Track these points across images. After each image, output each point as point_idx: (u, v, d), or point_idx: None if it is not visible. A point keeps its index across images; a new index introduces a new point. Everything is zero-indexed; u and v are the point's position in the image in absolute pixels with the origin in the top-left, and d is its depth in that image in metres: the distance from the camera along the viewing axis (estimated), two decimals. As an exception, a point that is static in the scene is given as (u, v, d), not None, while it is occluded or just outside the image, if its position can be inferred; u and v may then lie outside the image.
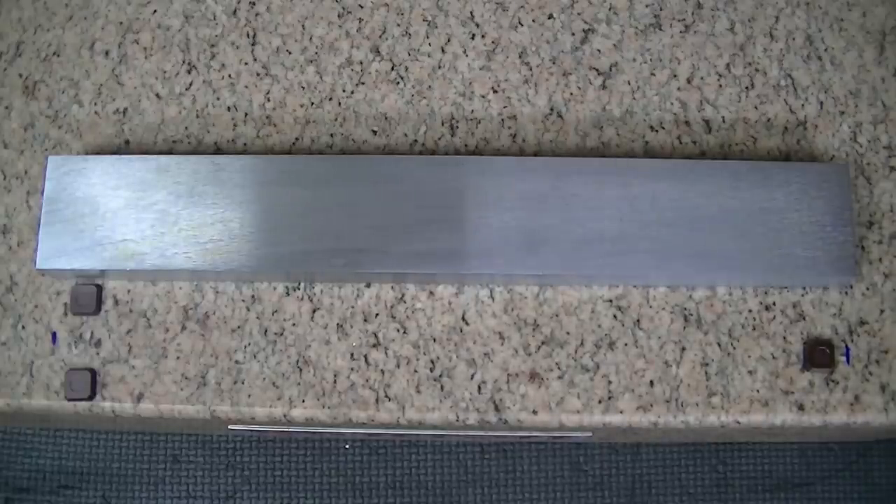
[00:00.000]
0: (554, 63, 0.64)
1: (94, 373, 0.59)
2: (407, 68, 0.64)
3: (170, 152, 0.62)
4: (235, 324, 0.59)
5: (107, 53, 0.65)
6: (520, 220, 0.57)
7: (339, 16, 0.65)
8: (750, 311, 0.59)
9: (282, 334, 0.59)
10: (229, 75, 0.64)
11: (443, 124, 0.62)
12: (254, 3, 0.65)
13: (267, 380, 0.58)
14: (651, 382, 0.58)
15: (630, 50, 0.64)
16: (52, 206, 0.58)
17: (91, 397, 0.58)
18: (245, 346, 0.59)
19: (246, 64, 0.64)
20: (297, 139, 0.62)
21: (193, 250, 0.57)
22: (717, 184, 0.58)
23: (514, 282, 0.59)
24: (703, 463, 0.81)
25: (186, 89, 0.64)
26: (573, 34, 0.64)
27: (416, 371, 0.58)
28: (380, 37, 0.64)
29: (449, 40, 0.64)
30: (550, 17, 0.65)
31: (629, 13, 0.65)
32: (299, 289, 0.60)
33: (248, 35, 0.65)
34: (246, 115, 0.63)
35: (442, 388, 0.58)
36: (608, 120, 0.62)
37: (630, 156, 0.62)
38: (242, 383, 0.58)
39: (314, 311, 0.59)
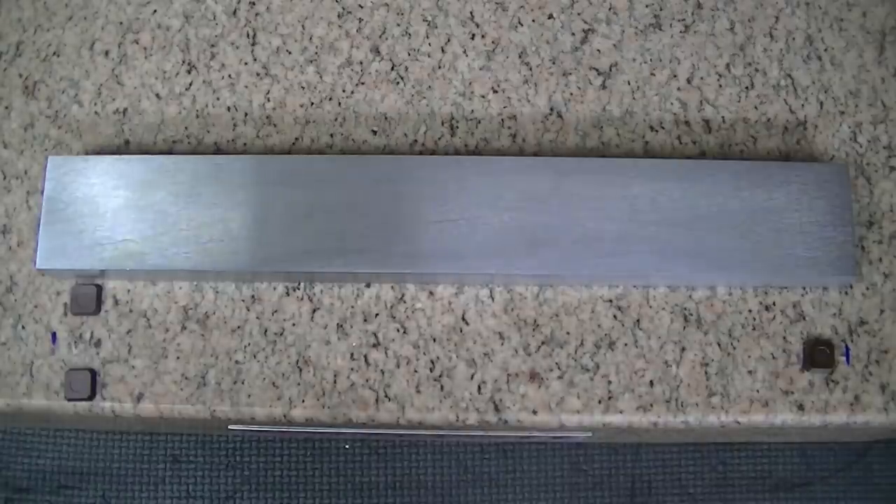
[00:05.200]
0: (554, 63, 0.64)
1: (94, 373, 0.59)
2: (407, 68, 0.64)
3: (170, 152, 0.62)
4: (235, 324, 0.59)
5: (107, 53, 0.65)
6: (520, 220, 0.57)
7: (339, 16, 0.65)
8: (750, 311, 0.59)
9: (282, 334, 0.59)
10: (229, 75, 0.64)
11: (443, 124, 0.62)
12: (254, 3, 0.65)
13: (267, 380, 0.58)
14: (651, 382, 0.58)
15: (630, 50, 0.64)
16: (52, 206, 0.58)
17: (91, 397, 0.58)
18: (245, 346, 0.59)
19: (246, 64, 0.64)
20: (297, 139, 0.62)
21: (193, 250, 0.57)
22: (717, 184, 0.58)
23: (514, 282, 0.59)
24: (703, 463, 0.81)
25: (186, 89, 0.64)
26: (573, 34, 0.64)
27: (416, 371, 0.58)
28: (380, 37, 0.64)
29: (449, 40, 0.64)
30: (550, 17, 0.65)
31: (629, 13, 0.65)
32: (299, 289, 0.60)
33: (248, 35, 0.65)
34: (246, 115, 0.63)
35: (442, 388, 0.58)
36: (608, 120, 0.62)
37: (630, 156, 0.62)
38: (242, 383, 0.58)
39: (314, 311, 0.59)
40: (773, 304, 0.59)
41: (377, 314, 0.59)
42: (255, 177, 0.58)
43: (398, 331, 0.59)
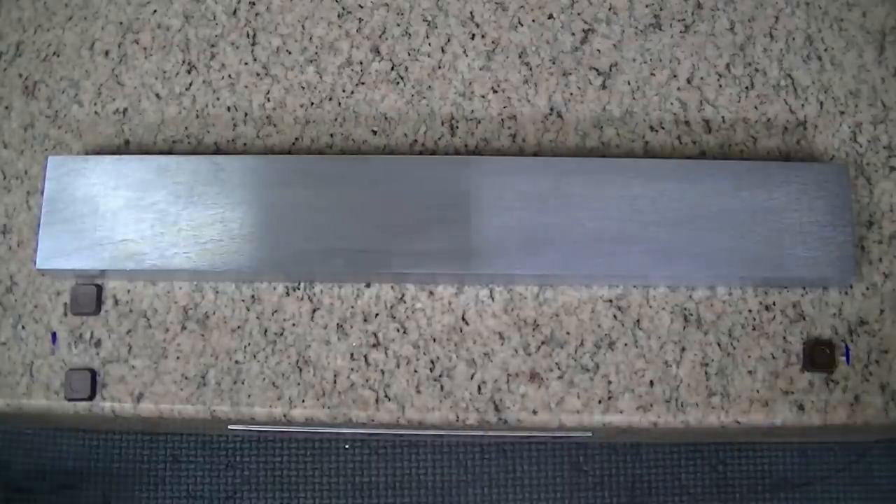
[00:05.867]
0: (554, 63, 0.64)
1: (94, 373, 0.59)
2: (407, 68, 0.64)
3: (170, 152, 0.62)
4: (235, 324, 0.59)
5: (107, 53, 0.65)
6: (520, 220, 0.57)
7: (339, 16, 0.65)
8: (750, 311, 0.59)
9: (282, 334, 0.59)
10: (229, 75, 0.64)
11: (443, 124, 0.62)
12: (254, 3, 0.65)
13: (267, 380, 0.58)
14: (651, 382, 0.58)
15: (630, 50, 0.64)
16: (52, 206, 0.58)
17: (91, 397, 0.58)
18: (245, 346, 0.59)
19: (246, 64, 0.64)
20: (297, 139, 0.62)
21: (193, 250, 0.57)
22: (717, 184, 0.58)
23: (514, 282, 0.59)
24: (703, 463, 0.81)
25: (186, 89, 0.64)
26: (573, 34, 0.64)
27: (416, 371, 0.58)
28: (380, 37, 0.64)
29: (449, 40, 0.64)
30: (550, 17, 0.65)
31: (629, 13, 0.65)
32: (299, 289, 0.60)
33: (248, 35, 0.65)
34: (246, 115, 0.63)
35: (442, 388, 0.58)
36: (608, 120, 0.62)
37: (630, 156, 0.62)
38: (242, 383, 0.58)
39: (314, 311, 0.59)
40: (773, 304, 0.59)
41: (377, 314, 0.59)
42: (255, 177, 0.58)
43: (398, 331, 0.59)
